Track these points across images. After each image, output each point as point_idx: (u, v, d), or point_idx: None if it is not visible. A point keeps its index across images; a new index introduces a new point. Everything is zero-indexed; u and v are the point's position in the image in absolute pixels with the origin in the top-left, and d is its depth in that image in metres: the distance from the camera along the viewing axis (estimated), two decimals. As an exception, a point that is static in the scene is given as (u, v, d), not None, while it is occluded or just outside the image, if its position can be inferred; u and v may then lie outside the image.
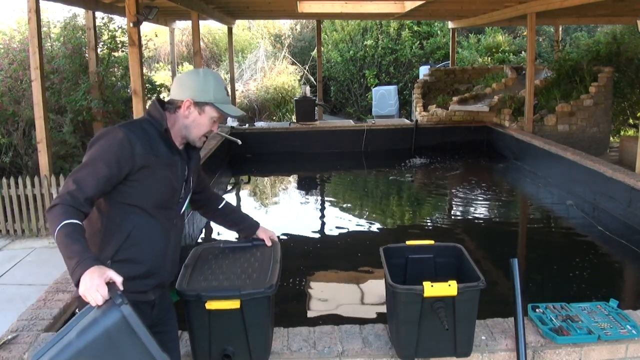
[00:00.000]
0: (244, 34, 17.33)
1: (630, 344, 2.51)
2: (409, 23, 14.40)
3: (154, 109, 1.97)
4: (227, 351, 2.29)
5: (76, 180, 1.76)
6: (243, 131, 9.47)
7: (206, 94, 1.95)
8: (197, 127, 1.98)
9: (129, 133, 1.83)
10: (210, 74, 2.02)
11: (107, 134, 1.85)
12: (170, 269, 2.05)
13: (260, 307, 2.23)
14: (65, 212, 1.70)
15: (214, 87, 1.97)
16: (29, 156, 6.73)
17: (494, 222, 6.35)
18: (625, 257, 5.04)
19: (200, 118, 1.97)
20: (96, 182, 1.77)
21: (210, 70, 2.08)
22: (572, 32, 15.76)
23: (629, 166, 6.38)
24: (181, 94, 1.96)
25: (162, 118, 1.94)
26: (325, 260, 5.02)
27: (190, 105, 1.95)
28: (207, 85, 1.96)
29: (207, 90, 1.95)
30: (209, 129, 2.00)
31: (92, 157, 1.81)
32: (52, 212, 1.72)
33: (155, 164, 1.87)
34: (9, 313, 3.83)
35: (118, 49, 8.49)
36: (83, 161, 1.82)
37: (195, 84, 1.96)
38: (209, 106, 1.96)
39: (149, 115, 1.97)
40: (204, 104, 1.95)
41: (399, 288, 2.25)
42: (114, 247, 1.86)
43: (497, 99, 9.86)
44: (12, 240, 5.70)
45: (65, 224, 1.68)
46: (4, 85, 6.99)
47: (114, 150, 1.80)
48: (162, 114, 1.94)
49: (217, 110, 1.97)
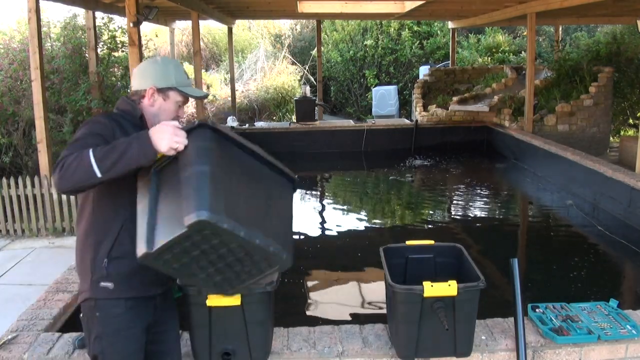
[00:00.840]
0: (244, 34, 17.31)
1: (630, 344, 2.51)
2: (409, 23, 14.40)
3: (123, 103, 2.01)
4: (227, 350, 2.30)
5: (69, 148, 1.75)
6: (243, 131, 9.47)
7: (168, 79, 1.97)
8: (164, 113, 1.99)
9: (110, 120, 1.89)
10: (169, 60, 2.05)
11: (90, 120, 1.92)
12: None
13: (261, 303, 2.23)
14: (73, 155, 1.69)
15: (175, 71, 1.99)
16: (29, 156, 6.73)
17: (494, 222, 6.35)
18: (625, 257, 5.04)
19: (165, 104, 1.99)
20: (88, 145, 1.78)
21: (167, 57, 2.11)
22: (572, 32, 15.75)
23: (629, 166, 6.37)
24: (143, 84, 1.97)
25: (133, 108, 1.97)
26: (325, 260, 5.02)
27: (154, 93, 1.97)
28: (167, 71, 1.97)
29: (168, 76, 1.97)
30: (175, 114, 2.02)
31: (79, 135, 1.83)
32: (68, 162, 1.64)
33: None
34: (9, 313, 3.83)
35: (118, 49, 8.48)
36: (72, 140, 1.83)
37: (156, 72, 1.97)
38: (173, 91, 1.98)
39: (118, 110, 2.00)
40: (167, 90, 1.97)
41: (399, 288, 2.25)
42: (109, 244, 1.87)
43: (497, 99, 9.85)
44: (12, 240, 5.70)
45: (88, 152, 1.65)
46: (4, 85, 6.99)
47: (99, 128, 1.84)
48: (133, 104, 1.98)
49: (180, 93, 1.99)
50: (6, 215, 5.78)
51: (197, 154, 1.64)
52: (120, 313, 1.89)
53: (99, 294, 1.88)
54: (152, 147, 1.66)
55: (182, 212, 1.54)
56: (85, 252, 1.91)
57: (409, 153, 9.57)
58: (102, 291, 1.88)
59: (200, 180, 1.57)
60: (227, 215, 1.56)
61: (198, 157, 1.63)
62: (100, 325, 1.89)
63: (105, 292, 1.88)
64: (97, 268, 1.88)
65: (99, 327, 1.89)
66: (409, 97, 13.94)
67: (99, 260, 1.87)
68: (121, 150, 1.65)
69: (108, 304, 1.88)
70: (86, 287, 1.90)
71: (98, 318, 1.89)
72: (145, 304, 1.97)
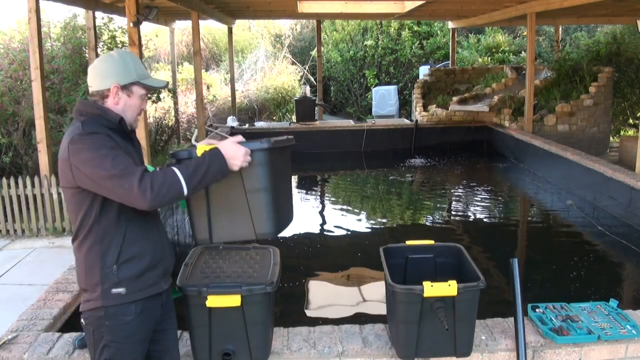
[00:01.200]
0: (244, 34, 17.32)
1: (630, 344, 2.51)
2: (409, 23, 14.40)
3: (88, 107, 1.92)
4: (227, 350, 2.30)
5: (118, 169, 1.75)
6: (243, 131, 9.47)
7: (130, 75, 1.92)
8: (130, 109, 1.96)
9: (90, 129, 1.82)
10: (125, 53, 1.99)
11: (82, 140, 1.80)
12: (169, 252, 2.07)
13: (261, 304, 2.24)
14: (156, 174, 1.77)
15: (134, 65, 1.94)
16: (29, 156, 6.73)
17: (493, 222, 6.35)
18: (625, 257, 5.04)
19: (130, 100, 1.95)
20: (126, 160, 1.80)
21: (122, 50, 2.04)
22: (572, 32, 15.76)
23: (629, 166, 6.38)
24: (105, 83, 1.91)
25: (105, 112, 1.90)
26: (325, 260, 5.02)
27: (119, 91, 1.92)
28: (127, 65, 1.93)
29: (129, 71, 1.92)
30: (140, 108, 2.00)
31: (96, 159, 1.77)
32: (155, 185, 1.74)
33: (127, 152, 1.90)
34: (9, 313, 3.83)
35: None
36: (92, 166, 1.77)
37: (117, 68, 1.91)
38: (136, 85, 1.94)
39: (86, 116, 1.89)
40: (130, 85, 1.93)
41: (399, 288, 2.25)
42: (115, 251, 1.87)
43: (497, 99, 9.86)
44: (12, 240, 5.70)
45: (174, 171, 1.79)
46: (4, 85, 6.99)
47: (107, 141, 1.81)
48: (103, 108, 1.91)
49: (143, 86, 1.96)
50: (6, 215, 5.77)
51: (262, 174, 2.01)
52: (130, 320, 1.89)
53: (111, 301, 1.86)
54: (228, 167, 1.89)
55: (246, 221, 2.04)
56: (92, 264, 1.88)
57: (409, 153, 9.57)
58: (114, 298, 1.87)
59: (268, 203, 2.04)
60: (279, 230, 2.14)
61: (263, 178, 2.01)
62: (110, 334, 1.88)
63: (118, 298, 1.87)
64: (107, 276, 1.86)
65: (108, 336, 1.88)
66: (409, 97, 13.94)
67: (107, 268, 1.86)
68: (203, 171, 1.83)
69: (118, 312, 1.87)
70: (96, 296, 1.87)
71: (107, 327, 1.87)
72: (154, 303, 1.98)
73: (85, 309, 1.91)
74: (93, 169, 1.77)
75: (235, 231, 2.08)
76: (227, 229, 2.07)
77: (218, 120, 11.42)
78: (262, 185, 2.03)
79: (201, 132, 8.57)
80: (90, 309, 1.89)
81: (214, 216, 2.08)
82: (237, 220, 2.06)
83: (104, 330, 1.88)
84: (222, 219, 2.08)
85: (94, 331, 1.90)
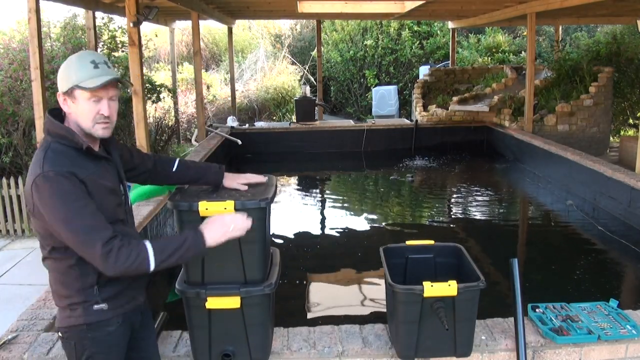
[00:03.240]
0: (244, 34, 17.32)
1: (630, 344, 2.51)
2: (409, 23, 14.40)
3: (54, 126, 1.79)
4: (227, 351, 2.30)
5: (82, 229, 1.67)
6: (243, 131, 9.47)
7: (69, 79, 1.77)
8: (82, 116, 1.78)
9: (55, 168, 1.69)
10: (73, 57, 1.82)
11: (45, 185, 1.68)
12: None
13: (260, 305, 2.24)
14: (126, 244, 1.70)
15: (76, 67, 1.77)
16: (29, 156, 6.72)
17: (494, 222, 6.35)
18: (625, 257, 5.04)
19: (77, 107, 1.78)
20: (92, 217, 1.70)
21: (75, 54, 1.86)
22: (572, 32, 15.75)
23: (629, 166, 6.37)
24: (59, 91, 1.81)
25: (70, 133, 1.78)
26: (325, 260, 5.02)
27: (65, 100, 1.79)
28: (68, 70, 1.78)
29: (69, 75, 1.77)
30: (95, 112, 1.79)
31: (60, 213, 1.68)
32: (119, 260, 1.68)
33: (93, 181, 1.77)
34: (9, 313, 3.83)
35: (118, 49, 8.48)
36: (57, 219, 1.69)
37: (60, 75, 1.79)
38: (76, 89, 1.76)
39: (54, 137, 1.78)
40: (71, 90, 1.77)
41: (399, 288, 2.25)
42: (94, 274, 1.80)
43: (497, 99, 9.85)
44: (12, 240, 5.70)
45: (147, 250, 1.73)
46: (4, 85, 6.99)
47: (68, 189, 1.69)
48: (67, 129, 1.78)
49: (84, 89, 1.75)
50: (6, 215, 5.77)
51: (257, 229, 2.07)
52: (112, 331, 1.86)
53: (93, 317, 1.83)
54: (204, 252, 1.84)
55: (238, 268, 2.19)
56: (70, 285, 1.82)
57: (409, 153, 9.57)
58: (96, 314, 1.83)
59: (260, 254, 2.21)
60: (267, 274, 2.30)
61: (257, 232, 2.11)
62: (94, 346, 1.84)
63: (100, 314, 1.83)
64: (88, 296, 1.82)
65: (92, 348, 1.84)
66: (409, 97, 13.94)
67: (88, 289, 1.81)
68: (178, 255, 1.77)
69: (101, 324, 1.84)
70: (77, 314, 1.82)
71: (90, 339, 1.83)
72: (134, 313, 1.97)
73: (65, 325, 1.85)
74: (57, 222, 1.69)
75: (226, 276, 2.20)
76: (219, 274, 2.19)
77: (218, 120, 11.43)
78: (256, 238, 2.14)
79: (201, 132, 8.57)
80: (71, 325, 1.84)
81: (207, 263, 2.19)
82: (229, 268, 2.18)
83: (86, 343, 1.84)
84: (214, 265, 2.19)
85: (75, 344, 1.85)
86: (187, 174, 2.26)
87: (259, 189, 2.27)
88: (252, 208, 2.09)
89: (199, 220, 2.00)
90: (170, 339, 2.56)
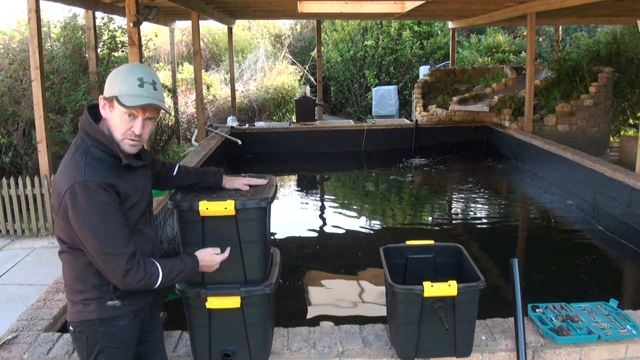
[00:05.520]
0: (244, 34, 17.32)
1: (630, 344, 2.51)
2: (409, 23, 14.40)
3: (93, 131, 1.78)
4: (227, 351, 2.30)
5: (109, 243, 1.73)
6: (243, 131, 9.47)
7: (112, 88, 1.76)
8: (114, 126, 1.79)
9: (97, 178, 1.71)
10: (127, 66, 1.83)
11: (80, 196, 1.69)
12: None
13: (260, 305, 2.24)
14: (142, 264, 1.79)
15: (122, 79, 1.76)
16: (29, 156, 6.73)
17: (494, 222, 6.35)
18: (625, 257, 5.04)
19: (113, 115, 1.78)
20: (119, 232, 1.76)
21: (133, 64, 1.87)
22: (572, 32, 15.76)
23: (629, 166, 6.38)
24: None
25: (109, 142, 1.78)
26: (325, 260, 5.02)
27: (105, 104, 1.80)
28: (115, 78, 1.77)
29: (113, 84, 1.77)
30: (127, 128, 1.78)
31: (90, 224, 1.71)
32: (136, 278, 1.77)
33: (126, 191, 1.80)
34: (9, 313, 3.83)
35: (118, 49, 8.48)
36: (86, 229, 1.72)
37: (108, 79, 1.80)
38: (115, 101, 1.76)
39: (90, 139, 1.78)
40: (111, 99, 1.77)
41: (399, 288, 2.25)
42: None
43: (497, 99, 9.85)
44: (12, 240, 5.70)
45: (157, 268, 1.84)
46: (4, 85, 6.99)
47: (101, 202, 1.71)
48: (106, 136, 1.78)
49: (121, 104, 1.74)
50: (6, 215, 5.77)
51: (257, 228, 2.16)
52: (124, 325, 1.89)
53: (106, 313, 1.85)
54: (197, 273, 2.04)
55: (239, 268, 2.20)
56: (85, 281, 1.84)
57: (409, 153, 9.57)
58: (109, 310, 1.85)
59: (260, 253, 2.22)
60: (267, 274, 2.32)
61: (257, 231, 2.17)
62: (105, 339, 1.87)
63: (113, 310, 1.86)
64: (103, 293, 1.85)
65: (103, 342, 1.87)
66: (409, 97, 13.94)
67: (104, 286, 1.84)
68: (180, 277, 1.93)
69: (113, 319, 1.87)
70: (90, 309, 1.84)
71: (102, 333, 1.86)
72: (144, 309, 2.00)
73: (77, 319, 1.87)
74: (85, 231, 1.72)
75: (226, 276, 2.20)
76: (219, 274, 2.16)
77: (218, 120, 11.43)
78: (256, 238, 2.17)
79: (201, 132, 8.57)
80: (83, 320, 1.86)
81: None
82: (229, 267, 2.16)
83: (98, 337, 1.86)
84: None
85: (87, 338, 1.87)
86: (188, 178, 2.30)
87: (259, 189, 2.28)
88: (252, 208, 2.09)
89: (200, 219, 2.05)
90: (170, 339, 2.57)
